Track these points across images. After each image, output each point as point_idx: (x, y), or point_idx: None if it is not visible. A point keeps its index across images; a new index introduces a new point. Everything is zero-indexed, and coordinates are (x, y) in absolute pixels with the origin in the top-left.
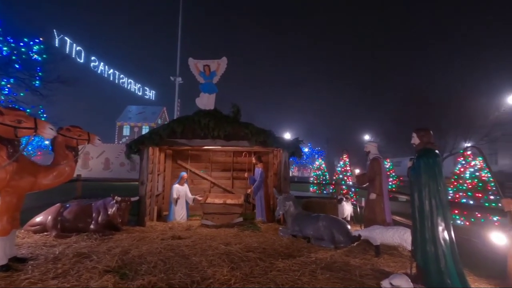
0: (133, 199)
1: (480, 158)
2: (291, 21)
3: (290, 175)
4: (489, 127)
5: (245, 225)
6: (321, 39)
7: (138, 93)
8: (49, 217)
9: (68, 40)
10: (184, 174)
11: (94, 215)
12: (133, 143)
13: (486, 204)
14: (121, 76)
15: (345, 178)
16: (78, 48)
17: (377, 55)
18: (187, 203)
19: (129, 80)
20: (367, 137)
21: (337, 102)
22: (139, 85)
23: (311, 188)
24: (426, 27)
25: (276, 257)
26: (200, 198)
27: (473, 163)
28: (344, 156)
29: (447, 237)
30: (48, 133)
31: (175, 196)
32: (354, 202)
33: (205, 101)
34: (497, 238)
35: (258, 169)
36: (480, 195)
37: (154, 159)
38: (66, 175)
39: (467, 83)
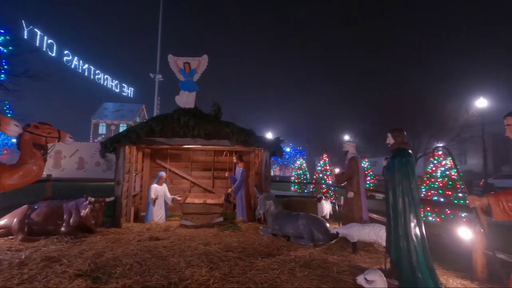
0: (108, 199)
1: (450, 158)
2: (274, 22)
3: (272, 174)
4: (458, 129)
5: (225, 225)
6: (304, 41)
7: (116, 90)
8: (15, 220)
9: (39, 32)
10: (162, 173)
11: (65, 217)
12: (108, 141)
13: (455, 201)
14: (97, 71)
15: (325, 177)
16: (49, 41)
17: (358, 59)
18: (165, 203)
19: (105, 76)
20: (347, 137)
21: (319, 103)
22: (116, 81)
23: (292, 188)
24: (404, 34)
25: (256, 256)
26: (179, 198)
27: (444, 162)
28: (324, 156)
29: (418, 233)
30: (12, 130)
31: (153, 196)
32: (333, 201)
33: (185, 99)
34: (463, 233)
35: (239, 169)
36: (450, 193)
37: (131, 158)
38: (33, 175)
39: (439, 87)
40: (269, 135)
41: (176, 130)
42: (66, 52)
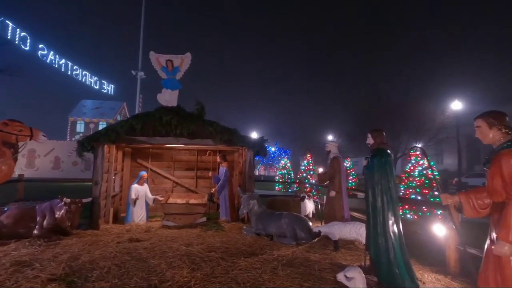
0: (84, 200)
1: (428, 158)
2: (256, 22)
3: (257, 174)
4: (435, 130)
5: (208, 225)
6: (290, 41)
7: (95, 87)
8: None
9: (10, 24)
10: (143, 173)
11: (38, 219)
12: (86, 140)
13: (432, 200)
14: (75, 67)
15: (309, 176)
16: (22, 33)
17: (342, 60)
18: (147, 203)
19: (84, 72)
20: (330, 137)
21: (303, 103)
22: (95, 78)
23: (276, 187)
24: (387, 37)
25: (239, 256)
26: (161, 198)
27: (421, 162)
28: (308, 156)
29: (396, 230)
30: None
31: (133, 196)
32: (317, 200)
33: (168, 97)
34: (438, 230)
35: (223, 168)
36: (426, 191)
37: (110, 158)
38: (2, 175)
39: (418, 90)
40: (254, 135)
41: (158, 129)
42: (41, 46)
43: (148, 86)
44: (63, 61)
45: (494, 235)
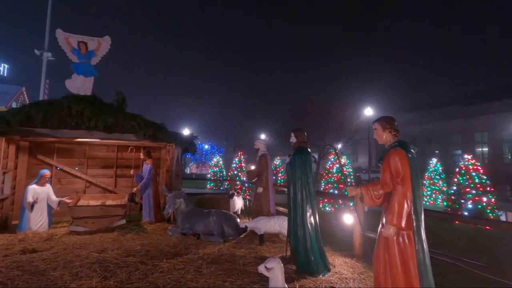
0: None
1: (345, 156)
2: (189, 19)
3: (188, 172)
4: (352, 132)
5: (128, 228)
6: (221, 40)
7: None
8: None
9: None
10: (45, 171)
11: None
12: None
13: (346, 193)
14: None
15: (240, 174)
16: None
17: (276, 61)
18: (49, 207)
19: None
20: (263, 136)
21: (238, 102)
22: None
23: (208, 185)
24: (315, 40)
25: (161, 258)
26: (68, 201)
27: (338, 160)
28: (239, 153)
29: (313, 221)
30: None
31: (30, 199)
32: (247, 197)
33: (79, 85)
34: (347, 219)
35: (147, 166)
36: (342, 186)
37: None
38: None
39: (339, 95)
40: (186, 132)
41: (66, 120)
42: None
43: (57, 70)
44: None
45: (384, 220)
